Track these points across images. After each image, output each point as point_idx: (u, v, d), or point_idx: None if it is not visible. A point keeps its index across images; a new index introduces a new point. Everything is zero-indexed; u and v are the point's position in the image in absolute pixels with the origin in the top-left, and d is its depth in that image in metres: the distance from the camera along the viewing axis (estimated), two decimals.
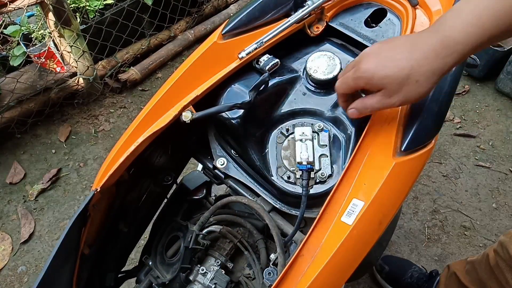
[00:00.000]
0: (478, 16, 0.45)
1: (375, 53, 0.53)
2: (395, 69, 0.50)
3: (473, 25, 0.45)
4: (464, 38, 0.46)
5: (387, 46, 0.53)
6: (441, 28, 0.49)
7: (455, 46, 0.47)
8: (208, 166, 0.81)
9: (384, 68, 0.51)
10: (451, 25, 0.47)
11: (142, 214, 0.87)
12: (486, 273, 1.11)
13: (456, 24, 0.46)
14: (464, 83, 2.22)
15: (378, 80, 0.52)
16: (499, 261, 1.05)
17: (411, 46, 0.50)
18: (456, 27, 0.46)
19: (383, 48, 0.53)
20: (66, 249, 0.66)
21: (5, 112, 1.83)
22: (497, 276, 1.06)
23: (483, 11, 0.45)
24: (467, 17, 0.46)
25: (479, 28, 0.45)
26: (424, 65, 0.49)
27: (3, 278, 1.56)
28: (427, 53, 0.48)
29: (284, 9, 0.77)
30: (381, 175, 0.61)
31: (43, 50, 1.84)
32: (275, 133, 0.75)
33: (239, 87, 0.73)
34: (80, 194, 1.80)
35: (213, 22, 2.48)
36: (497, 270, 1.06)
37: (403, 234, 1.66)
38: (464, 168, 1.88)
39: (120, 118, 2.09)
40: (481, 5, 0.45)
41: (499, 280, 1.05)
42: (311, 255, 0.59)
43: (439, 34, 0.48)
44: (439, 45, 0.48)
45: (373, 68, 0.52)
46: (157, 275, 0.81)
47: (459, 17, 0.47)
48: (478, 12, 0.45)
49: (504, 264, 1.04)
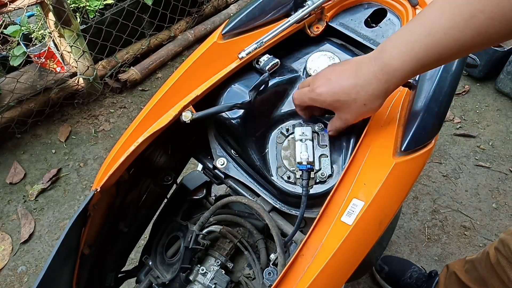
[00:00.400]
0: (411, 47, 0.50)
1: (327, 78, 0.60)
2: (343, 95, 0.58)
3: (408, 54, 0.51)
4: (401, 66, 0.52)
5: (337, 71, 0.60)
6: (381, 56, 0.55)
7: (394, 72, 0.53)
8: (208, 166, 0.81)
9: (334, 94, 0.58)
10: (390, 54, 0.53)
11: (142, 214, 0.87)
12: (487, 271, 1.11)
13: (394, 53, 0.52)
14: (464, 83, 2.22)
15: (330, 104, 0.60)
16: (500, 259, 1.05)
17: (356, 72, 0.57)
18: (394, 56, 0.52)
19: (334, 73, 0.60)
20: (66, 249, 0.66)
21: (5, 112, 1.83)
22: (499, 274, 1.06)
23: (415, 43, 0.50)
24: (403, 48, 0.51)
25: (413, 57, 0.51)
26: (368, 90, 0.56)
27: (3, 278, 1.56)
28: (370, 80, 0.55)
29: (284, 9, 0.77)
30: (381, 175, 0.61)
31: (43, 50, 1.84)
32: (275, 133, 0.75)
33: (239, 87, 0.73)
34: (80, 194, 1.80)
35: (213, 22, 2.48)
36: (498, 267, 1.06)
37: (403, 234, 1.66)
38: (464, 168, 1.88)
39: (120, 118, 2.09)
40: (413, 37, 0.50)
41: (500, 277, 1.06)
42: (311, 255, 0.59)
43: (380, 61, 0.55)
44: (380, 71, 0.54)
45: (325, 93, 0.59)
46: (157, 275, 0.81)
47: (396, 46, 0.52)
48: (411, 44, 0.50)
49: (505, 262, 1.04)
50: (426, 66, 0.52)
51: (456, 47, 0.48)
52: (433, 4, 0.50)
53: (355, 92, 0.56)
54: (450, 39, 0.47)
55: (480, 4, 0.44)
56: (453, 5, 0.46)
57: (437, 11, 0.48)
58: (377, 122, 0.66)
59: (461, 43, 0.47)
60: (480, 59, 2.12)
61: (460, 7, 0.46)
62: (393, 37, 0.54)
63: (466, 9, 0.45)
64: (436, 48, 0.49)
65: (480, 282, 1.14)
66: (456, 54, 0.50)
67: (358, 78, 0.56)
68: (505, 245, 1.03)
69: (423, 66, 0.51)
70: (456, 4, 0.46)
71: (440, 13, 0.48)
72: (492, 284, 1.09)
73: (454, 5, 0.46)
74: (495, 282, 1.08)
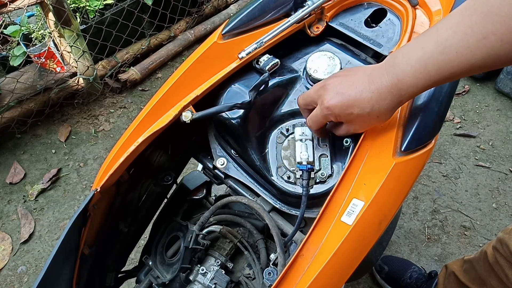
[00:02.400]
0: (424, 65, 0.51)
1: (338, 91, 0.59)
2: (357, 109, 0.57)
3: (421, 72, 0.51)
4: (414, 83, 0.53)
5: (347, 83, 0.58)
6: (394, 70, 0.54)
7: (408, 88, 0.54)
8: (208, 166, 0.81)
9: (349, 107, 0.58)
10: (404, 70, 0.53)
11: (142, 214, 0.87)
12: (485, 270, 1.11)
13: (407, 69, 0.52)
14: (464, 83, 2.22)
15: (345, 117, 0.60)
16: (499, 258, 1.05)
17: (369, 85, 0.56)
18: (408, 72, 0.52)
19: (344, 86, 0.58)
20: (66, 249, 0.66)
21: (5, 112, 1.83)
22: (497, 273, 1.06)
23: (428, 60, 0.50)
24: (416, 65, 0.52)
25: (425, 75, 0.51)
26: (383, 104, 0.56)
27: (3, 278, 1.56)
28: (384, 94, 0.55)
29: (284, 9, 0.77)
30: (381, 175, 0.61)
31: (43, 50, 1.85)
32: (275, 133, 0.75)
33: (239, 87, 0.73)
34: (80, 194, 1.80)
35: (213, 22, 2.48)
36: (497, 266, 1.06)
37: (403, 234, 1.66)
38: (464, 168, 1.88)
39: (120, 118, 2.09)
40: (426, 55, 0.51)
41: (499, 276, 1.06)
42: (311, 255, 0.59)
43: (393, 76, 0.54)
44: (394, 87, 0.54)
45: (339, 106, 0.58)
46: (157, 275, 0.81)
47: (409, 63, 0.52)
48: (424, 61, 0.51)
49: (504, 261, 1.04)
50: (436, 82, 0.52)
51: (467, 67, 0.48)
52: (447, 20, 0.50)
53: (370, 106, 0.56)
54: (462, 59, 0.47)
55: (493, 26, 0.44)
56: (467, 25, 0.47)
57: (451, 29, 0.48)
58: None
59: (472, 63, 0.48)
60: None
61: (473, 27, 0.46)
62: (405, 51, 0.54)
63: (479, 30, 0.45)
64: (447, 67, 0.49)
65: (479, 282, 1.14)
66: (466, 73, 0.50)
67: (372, 92, 0.56)
68: (504, 244, 1.03)
69: (434, 83, 0.52)
70: (469, 24, 0.46)
71: (453, 31, 0.48)
72: (491, 284, 1.09)
73: (468, 25, 0.46)
74: (494, 281, 1.08)
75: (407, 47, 0.54)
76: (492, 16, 0.44)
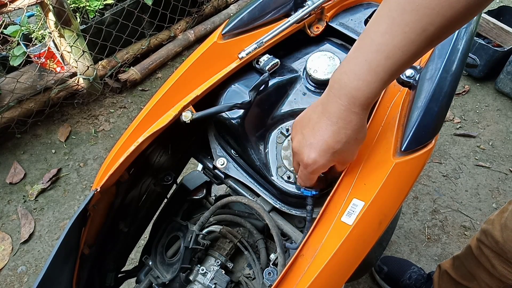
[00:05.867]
0: (375, 74, 0.51)
1: (308, 144, 0.58)
2: (335, 146, 0.56)
3: (374, 81, 0.51)
4: (370, 91, 0.52)
5: (309, 130, 0.58)
6: (345, 92, 0.53)
7: (366, 100, 0.53)
8: (208, 166, 0.81)
9: (328, 151, 0.57)
10: (355, 87, 0.52)
11: (142, 214, 0.87)
12: (473, 264, 1.13)
13: (359, 85, 0.52)
14: (464, 83, 2.22)
15: (331, 160, 0.59)
16: (484, 249, 1.07)
17: (329, 118, 0.55)
18: (360, 87, 0.52)
19: (309, 136, 0.58)
20: (66, 249, 0.66)
21: (5, 112, 1.83)
22: (484, 265, 1.08)
23: (378, 68, 0.50)
24: (368, 77, 0.51)
25: (379, 81, 0.51)
26: (352, 126, 0.55)
27: (3, 278, 1.56)
28: (348, 117, 0.54)
29: (284, 9, 0.77)
30: (381, 175, 0.61)
31: (43, 50, 1.85)
32: (275, 133, 0.75)
33: (239, 87, 0.73)
34: (80, 194, 1.80)
35: (213, 22, 2.48)
36: (483, 258, 1.08)
37: (403, 234, 1.66)
38: (464, 168, 1.88)
39: (120, 118, 2.09)
40: (373, 65, 0.51)
41: (486, 268, 1.07)
42: (311, 255, 0.59)
43: (346, 96, 0.53)
44: (352, 105, 0.53)
45: (318, 158, 0.58)
46: (157, 275, 0.81)
47: (359, 78, 0.52)
48: (374, 71, 0.51)
49: (489, 251, 1.05)
50: (390, 81, 0.53)
51: (413, 56, 0.50)
52: (376, 28, 0.50)
53: (344, 135, 0.55)
54: (408, 53, 0.49)
55: (429, 18, 0.46)
56: (403, 24, 0.47)
57: (387, 34, 0.49)
58: (377, 122, 0.66)
59: (417, 52, 0.49)
60: (480, 59, 2.12)
61: (410, 24, 0.47)
62: (348, 70, 0.53)
63: (416, 25, 0.47)
64: (397, 66, 0.50)
65: (469, 277, 1.16)
66: (415, 60, 0.52)
67: (337, 123, 0.55)
68: (488, 235, 1.04)
69: (387, 82, 0.53)
70: (405, 23, 0.47)
71: (390, 35, 0.49)
72: (480, 277, 1.11)
73: (404, 24, 0.47)
74: (482, 273, 1.10)
75: (348, 66, 0.53)
76: (424, 10, 0.46)
